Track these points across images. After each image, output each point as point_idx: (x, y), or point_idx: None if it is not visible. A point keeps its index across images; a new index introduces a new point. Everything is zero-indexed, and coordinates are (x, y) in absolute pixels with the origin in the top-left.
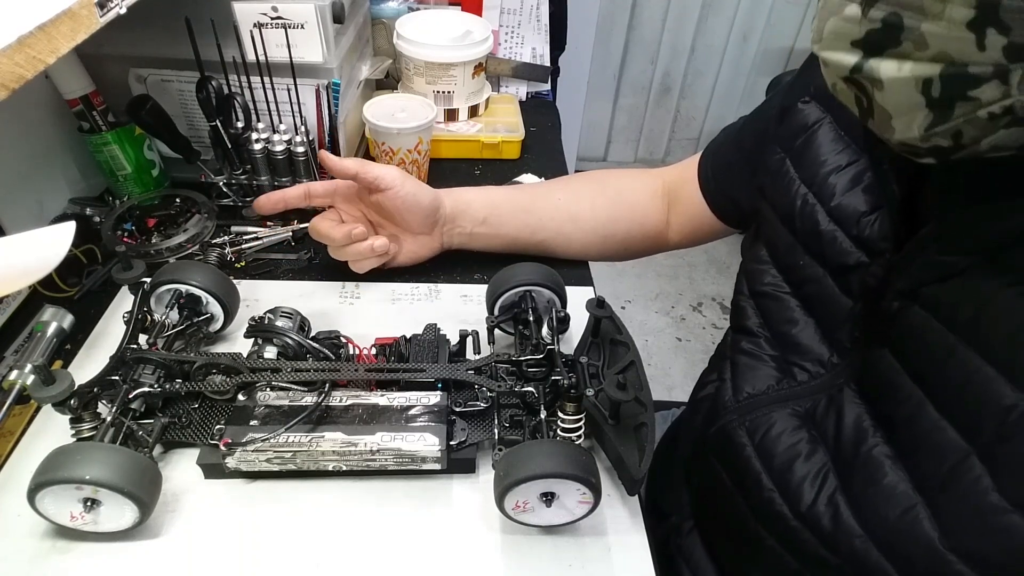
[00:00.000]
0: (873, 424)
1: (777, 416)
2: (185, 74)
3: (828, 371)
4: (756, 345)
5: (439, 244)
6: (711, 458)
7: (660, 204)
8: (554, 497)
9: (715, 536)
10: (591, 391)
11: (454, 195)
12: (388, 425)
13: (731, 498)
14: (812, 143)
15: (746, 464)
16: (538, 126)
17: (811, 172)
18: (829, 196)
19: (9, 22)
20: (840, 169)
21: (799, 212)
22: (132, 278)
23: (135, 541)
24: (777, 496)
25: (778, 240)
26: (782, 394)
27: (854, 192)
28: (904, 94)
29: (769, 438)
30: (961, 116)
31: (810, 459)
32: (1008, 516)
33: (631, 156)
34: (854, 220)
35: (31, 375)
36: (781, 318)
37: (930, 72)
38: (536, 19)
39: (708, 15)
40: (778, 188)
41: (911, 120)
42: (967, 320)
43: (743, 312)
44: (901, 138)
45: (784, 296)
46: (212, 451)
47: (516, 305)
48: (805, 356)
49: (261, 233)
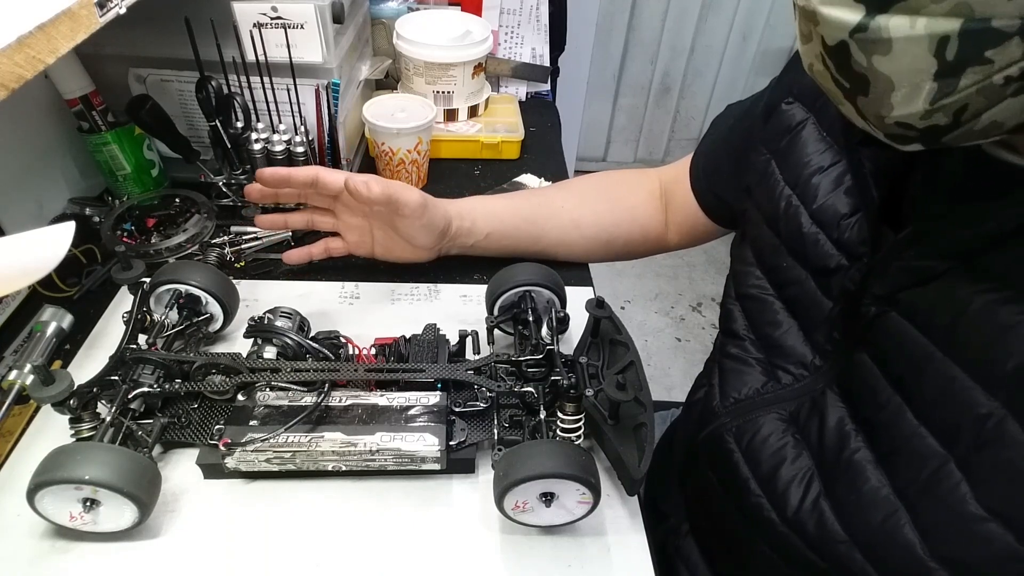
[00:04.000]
0: (855, 428)
1: (763, 420)
2: (185, 74)
3: (811, 373)
4: (742, 348)
5: (434, 255)
6: (702, 464)
7: (659, 205)
8: (553, 497)
9: (709, 539)
10: (591, 391)
11: (462, 214)
12: (388, 425)
13: (722, 503)
14: (796, 144)
15: (735, 470)
16: (538, 126)
17: (795, 173)
18: (812, 198)
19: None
20: (823, 170)
21: (783, 214)
22: (132, 278)
23: (134, 541)
24: (765, 502)
25: (763, 241)
26: (768, 398)
27: (836, 194)
28: (914, 57)
29: (756, 443)
30: (972, 84)
31: (795, 463)
32: (986, 524)
33: (631, 156)
34: (835, 222)
35: (30, 375)
36: (765, 320)
37: (948, 28)
38: (536, 19)
39: (708, 15)
40: (764, 189)
41: (915, 91)
42: (944, 327)
43: (730, 315)
44: (899, 114)
45: (768, 298)
46: (211, 451)
47: (516, 305)
48: (789, 358)
49: (261, 233)
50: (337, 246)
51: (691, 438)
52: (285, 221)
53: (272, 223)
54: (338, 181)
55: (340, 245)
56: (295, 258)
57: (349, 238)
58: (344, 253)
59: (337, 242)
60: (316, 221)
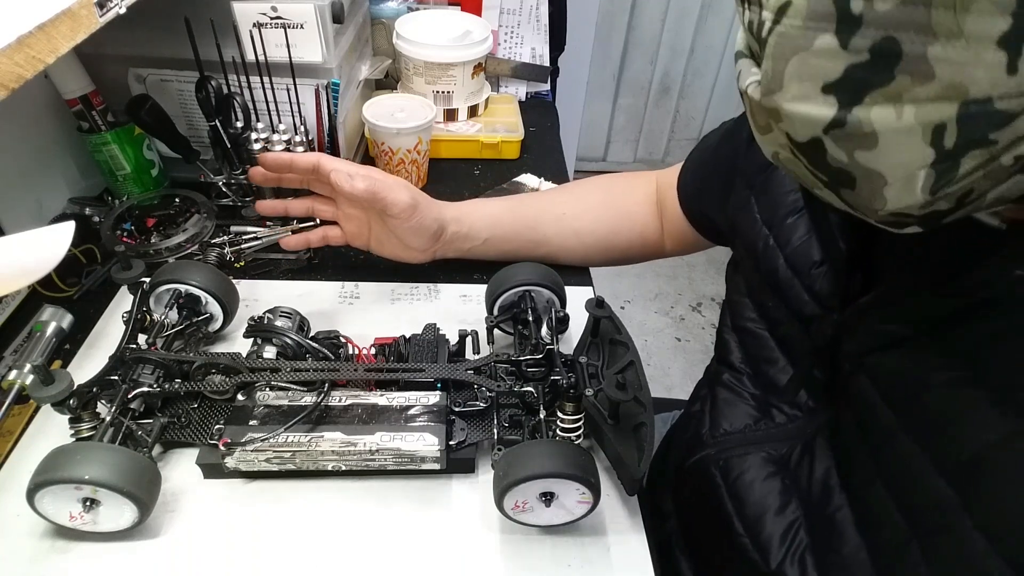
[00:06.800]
0: (840, 483)
1: (752, 460)
2: (184, 74)
3: (804, 415)
4: (738, 381)
5: (429, 257)
6: (689, 489)
7: (657, 211)
8: (553, 497)
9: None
10: (590, 391)
11: (458, 218)
12: (387, 425)
13: (709, 528)
14: (772, 181)
15: (720, 504)
16: (537, 126)
17: (771, 213)
18: (786, 240)
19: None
20: (798, 211)
21: (761, 254)
22: (131, 278)
23: (134, 541)
24: (748, 543)
25: (751, 277)
26: (758, 435)
27: (809, 239)
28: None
29: (742, 483)
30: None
31: (783, 512)
32: None
33: (630, 156)
34: (807, 270)
35: (30, 375)
36: (761, 356)
37: (942, 115)
38: (535, 19)
39: (708, 15)
40: (745, 226)
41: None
42: (905, 399)
43: (727, 346)
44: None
45: (763, 333)
46: (211, 451)
47: (515, 305)
48: (783, 397)
49: (260, 233)
50: (335, 235)
51: (681, 461)
52: (286, 207)
53: (273, 208)
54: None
55: (338, 234)
56: (294, 244)
57: (347, 228)
58: (342, 242)
59: (335, 231)
60: (317, 209)
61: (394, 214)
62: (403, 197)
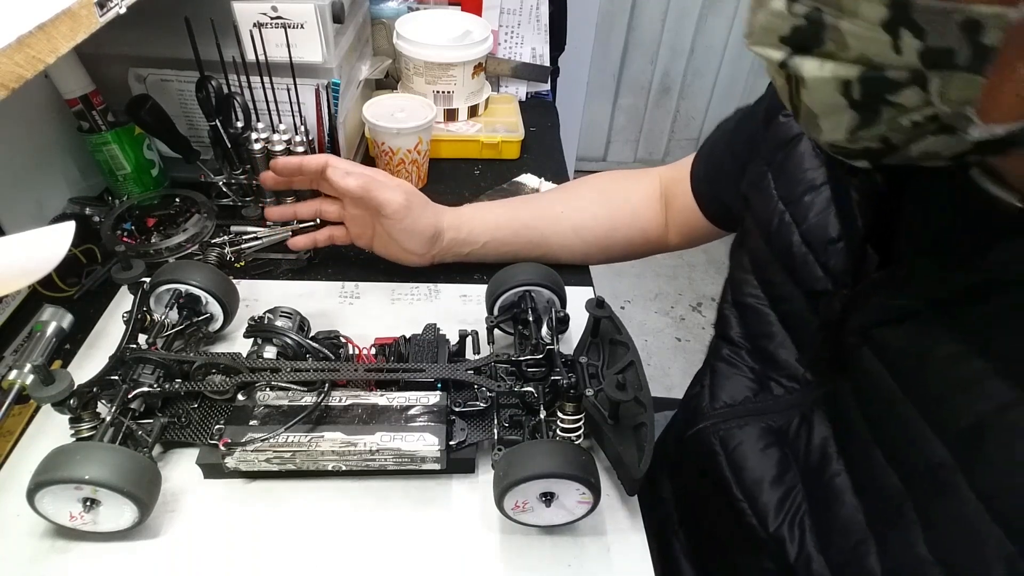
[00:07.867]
0: (837, 450)
1: (750, 431)
2: (185, 74)
3: (802, 388)
4: (737, 356)
5: (427, 261)
6: (689, 461)
7: (659, 206)
8: (553, 497)
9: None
10: (590, 391)
11: (456, 225)
12: (387, 425)
13: (708, 502)
14: (791, 158)
15: (719, 472)
16: (538, 126)
17: (789, 189)
18: (803, 217)
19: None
20: (816, 188)
21: (776, 230)
22: (131, 278)
23: (134, 541)
24: (747, 508)
25: (758, 253)
26: (758, 407)
27: (826, 214)
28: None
29: (741, 452)
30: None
31: (781, 479)
32: (933, 569)
33: (631, 156)
34: (823, 246)
35: (30, 375)
36: (761, 331)
37: (849, 74)
38: (536, 19)
39: (708, 15)
40: (759, 202)
41: (837, 121)
42: (909, 370)
43: (726, 321)
44: (828, 139)
45: (764, 309)
46: (211, 451)
47: (516, 305)
48: (782, 371)
49: (261, 233)
50: (340, 235)
51: (680, 433)
52: (295, 212)
53: (282, 214)
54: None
55: (343, 234)
56: (301, 244)
57: (352, 228)
58: (347, 242)
59: (340, 231)
60: (324, 210)
61: (387, 214)
62: (396, 197)
